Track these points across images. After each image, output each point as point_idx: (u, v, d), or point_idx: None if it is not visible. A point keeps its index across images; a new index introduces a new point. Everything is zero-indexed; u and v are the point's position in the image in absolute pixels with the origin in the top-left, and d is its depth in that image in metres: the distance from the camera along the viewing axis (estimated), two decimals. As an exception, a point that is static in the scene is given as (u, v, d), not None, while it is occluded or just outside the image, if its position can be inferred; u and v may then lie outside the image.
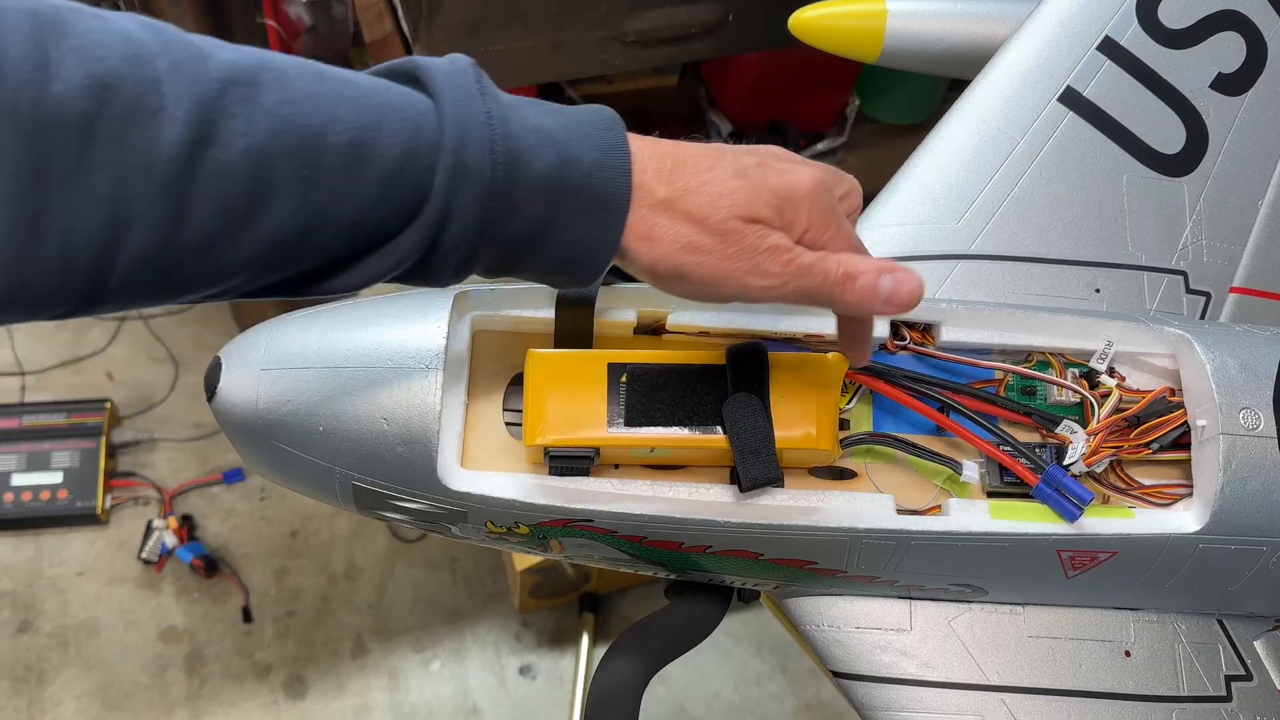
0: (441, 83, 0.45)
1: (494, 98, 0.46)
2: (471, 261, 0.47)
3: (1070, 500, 0.61)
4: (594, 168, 0.46)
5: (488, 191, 0.44)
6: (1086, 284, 0.75)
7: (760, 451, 0.57)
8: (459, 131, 0.44)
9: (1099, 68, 0.80)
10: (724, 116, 1.89)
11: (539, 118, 0.46)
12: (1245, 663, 0.72)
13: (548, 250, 0.47)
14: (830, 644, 0.68)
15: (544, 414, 0.58)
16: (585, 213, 0.46)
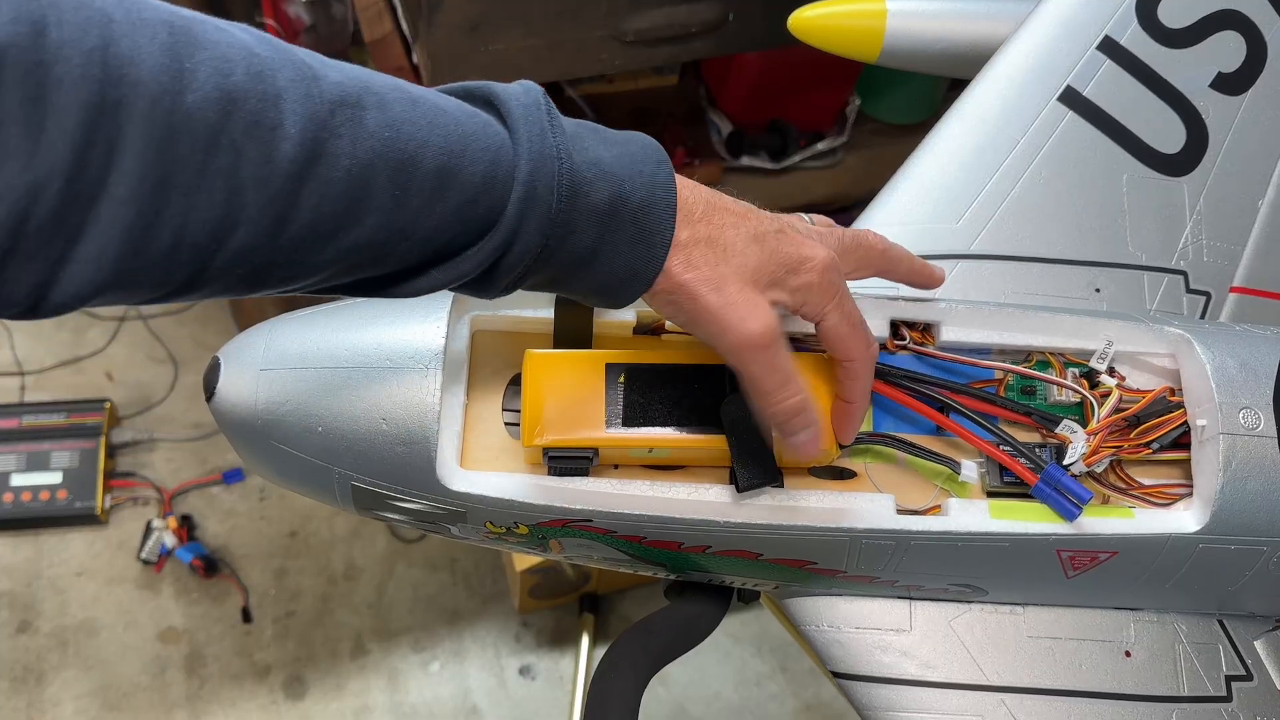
0: (518, 116, 0.49)
1: (560, 129, 0.49)
2: (525, 278, 0.50)
3: (1069, 499, 0.61)
4: (643, 204, 0.50)
5: (550, 221, 0.48)
6: (1086, 284, 0.75)
7: (757, 453, 0.57)
8: (532, 166, 0.47)
9: (1099, 67, 0.79)
10: (724, 116, 1.89)
11: (597, 149, 0.50)
12: (1245, 663, 0.72)
13: (593, 274, 0.51)
14: (830, 644, 0.68)
15: (542, 414, 0.58)
16: (630, 243, 0.50)
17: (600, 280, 0.51)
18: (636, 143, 0.52)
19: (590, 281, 0.51)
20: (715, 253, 0.51)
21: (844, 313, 0.55)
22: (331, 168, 0.43)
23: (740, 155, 1.89)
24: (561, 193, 0.48)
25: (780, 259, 0.53)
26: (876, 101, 1.96)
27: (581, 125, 0.51)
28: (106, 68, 0.37)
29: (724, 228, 0.52)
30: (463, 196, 0.46)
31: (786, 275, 0.53)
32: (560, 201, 0.48)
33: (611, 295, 0.52)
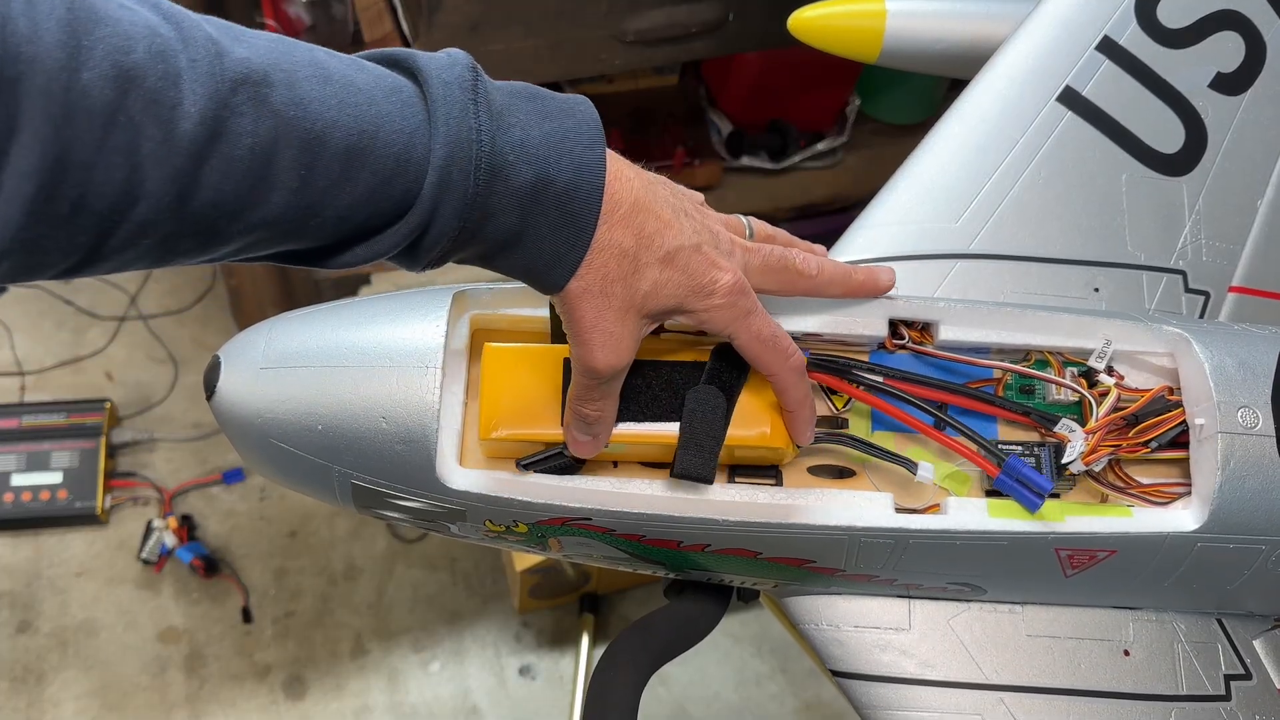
0: (437, 94, 0.48)
1: (485, 107, 0.48)
2: (447, 257, 0.50)
3: (1030, 490, 0.61)
4: (568, 188, 0.49)
5: (467, 204, 0.48)
6: (1085, 283, 0.75)
7: (704, 447, 0.57)
8: (448, 150, 0.47)
9: (1098, 67, 0.80)
10: (724, 116, 1.89)
11: (526, 127, 0.49)
12: (1244, 662, 0.72)
13: (518, 256, 0.51)
14: (829, 643, 0.68)
15: (498, 407, 0.58)
16: (554, 228, 0.50)
17: (526, 262, 0.51)
18: (574, 117, 0.50)
19: (516, 262, 0.51)
20: (621, 266, 0.51)
21: (752, 333, 0.55)
22: (233, 145, 0.43)
23: (740, 155, 1.89)
24: (479, 176, 0.47)
25: (686, 282, 0.53)
26: (876, 101, 1.96)
27: (516, 95, 0.50)
28: (4, 44, 0.38)
29: (642, 235, 0.51)
30: (375, 178, 0.46)
31: (689, 298, 0.53)
32: (478, 185, 0.47)
33: (539, 278, 0.51)
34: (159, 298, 2.12)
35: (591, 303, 0.52)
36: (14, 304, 2.05)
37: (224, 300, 1.93)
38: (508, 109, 0.49)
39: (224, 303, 1.95)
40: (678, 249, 0.52)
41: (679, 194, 0.55)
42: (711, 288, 0.53)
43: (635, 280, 0.52)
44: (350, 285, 1.82)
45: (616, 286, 0.51)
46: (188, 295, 2.12)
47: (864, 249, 0.73)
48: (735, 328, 0.55)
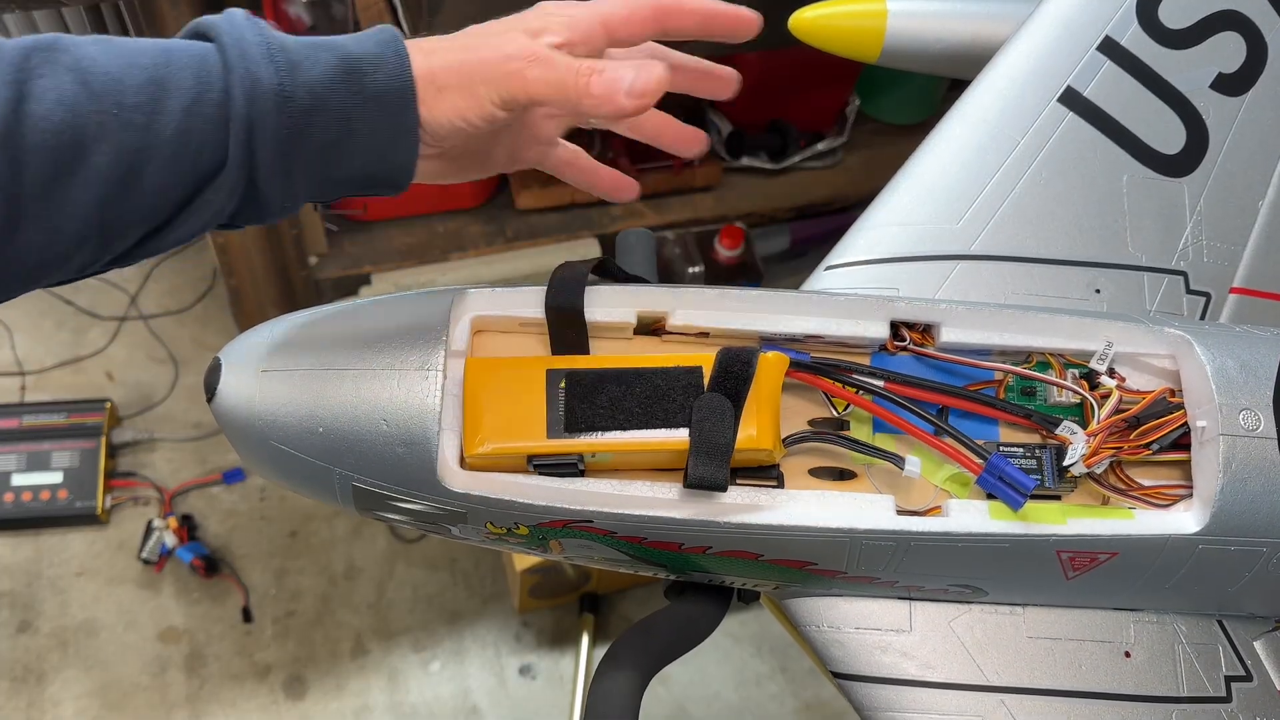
0: (218, 23, 0.51)
1: (264, 26, 0.51)
2: (291, 178, 0.51)
3: (1013, 488, 0.61)
4: (373, 59, 0.51)
5: (280, 97, 0.49)
6: (1086, 284, 0.75)
7: (716, 455, 0.57)
8: (239, 50, 0.49)
9: (1099, 68, 0.79)
10: (724, 116, 1.89)
11: (310, 38, 0.52)
12: (1245, 663, 0.72)
13: (359, 146, 0.51)
14: (830, 644, 0.68)
15: (481, 422, 0.58)
16: (377, 98, 0.51)
17: (370, 145, 0.51)
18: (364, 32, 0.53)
19: (359, 152, 0.51)
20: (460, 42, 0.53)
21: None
22: (39, 102, 0.46)
23: (740, 155, 1.89)
24: (280, 68, 0.49)
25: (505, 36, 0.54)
26: (876, 101, 1.96)
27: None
28: None
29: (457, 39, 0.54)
30: (184, 99, 0.48)
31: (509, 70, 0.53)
32: (282, 76, 0.49)
33: (390, 159, 0.52)
34: (159, 298, 2.12)
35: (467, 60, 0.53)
36: (14, 304, 2.05)
37: (224, 300, 1.93)
38: (290, 33, 0.52)
39: (224, 303, 1.95)
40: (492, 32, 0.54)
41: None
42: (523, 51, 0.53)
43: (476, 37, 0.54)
44: (350, 285, 1.82)
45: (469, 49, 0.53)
46: (188, 295, 2.12)
47: (865, 250, 0.73)
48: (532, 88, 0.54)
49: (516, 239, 1.83)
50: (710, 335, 0.64)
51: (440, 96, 0.52)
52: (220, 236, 1.63)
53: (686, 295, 0.64)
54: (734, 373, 0.58)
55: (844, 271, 0.72)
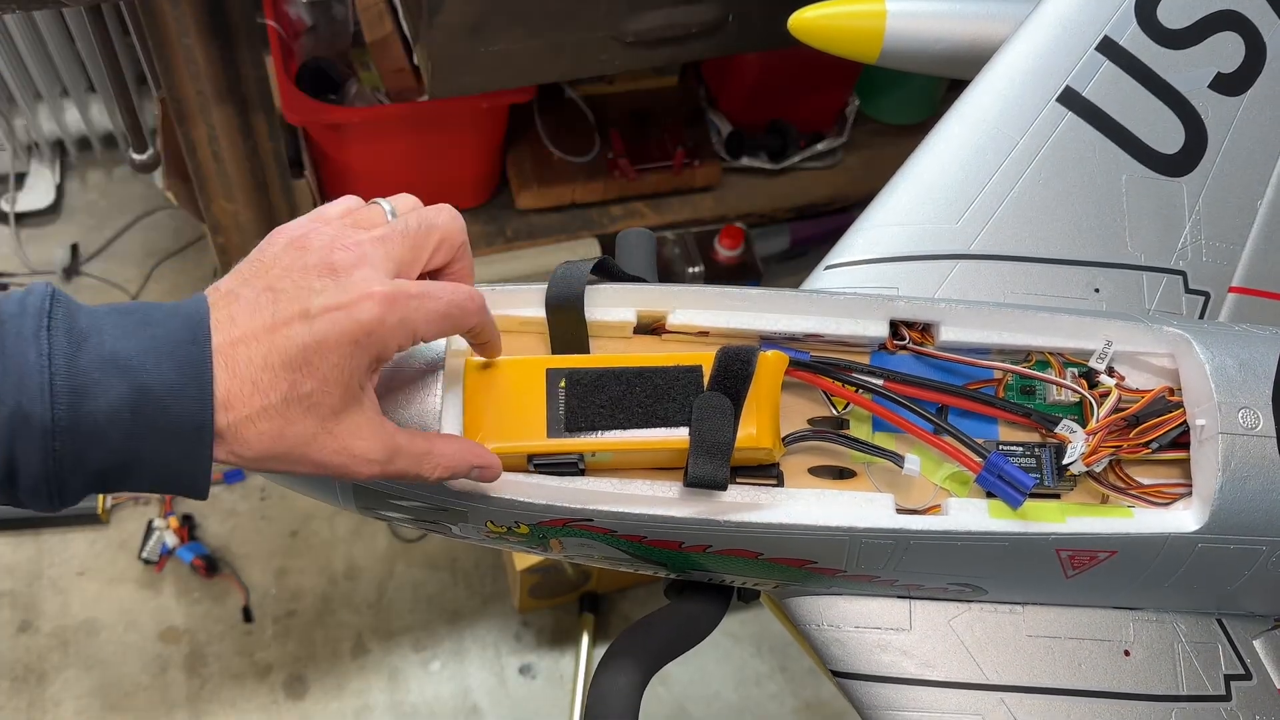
0: (7, 328, 0.45)
1: (64, 330, 0.45)
2: (65, 491, 0.46)
3: (1012, 487, 0.61)
4: (171, 389, 0.45)
5: (49, 434, 0.44)
6: (1086, 284, 0.76)
7: (715, 453, 0.57)
8: (17, 377, 0.44)
9: (1098, 68, 0.80)
10: (724, 116, 1.89)
11: (117, 342, 0.46)
12: (1244, 662, 0.72)
13: (144, 473, 0.47)
14: (830, 643, 0.68)
15: (481, 422, 0.58)
16: (168, 433, 0.46)
17: (158, 476, 0.47)
18: (178, 318, 0.47)
19: (148, 480, 0.47)
20: (287, 412, 0.47)
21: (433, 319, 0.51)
22: None
23: (740, 156, 1.89)
24: (58, 402, 0.44)
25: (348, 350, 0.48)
26: (876, 102, 1.96)
27: (114, 311, 0.47)
28: None
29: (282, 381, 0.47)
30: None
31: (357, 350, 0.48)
32: (59, 411, 0.44)
33: (180, 488, 0.48)
34: (159, 297, 2.12)
35: (298, 449, 0.48)
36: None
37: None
38: (94, 328, 0.46)
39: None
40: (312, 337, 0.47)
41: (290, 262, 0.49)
42: (370, 326, 0.48)
43: (310, 403, 0.48)
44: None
45: (295, 425, 0.48)
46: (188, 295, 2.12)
47: (864, 249, 0.73)
48: (422, 330, 0.50)
49: (516, 239, 1.83)
50: (710, 334, 0.64)
51: (252, 422, 0.47)
52: (220, 236, 1.63)
53: (686, 294, 0.64)
54: (734, 371, 0.58)
55: (843, 271, 0.72)
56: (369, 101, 1.69)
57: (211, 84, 1.37)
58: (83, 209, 2.22)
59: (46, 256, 2.15)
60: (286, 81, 1.60)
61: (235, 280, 0.50)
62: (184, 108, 1.40)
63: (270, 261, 0.50)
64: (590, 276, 0.63)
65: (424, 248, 0.52)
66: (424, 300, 0.50)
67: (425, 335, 0.51)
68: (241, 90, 1.40)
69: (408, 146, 1.70)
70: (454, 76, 1.38)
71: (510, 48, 1.37)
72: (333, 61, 1.72)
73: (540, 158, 1.82)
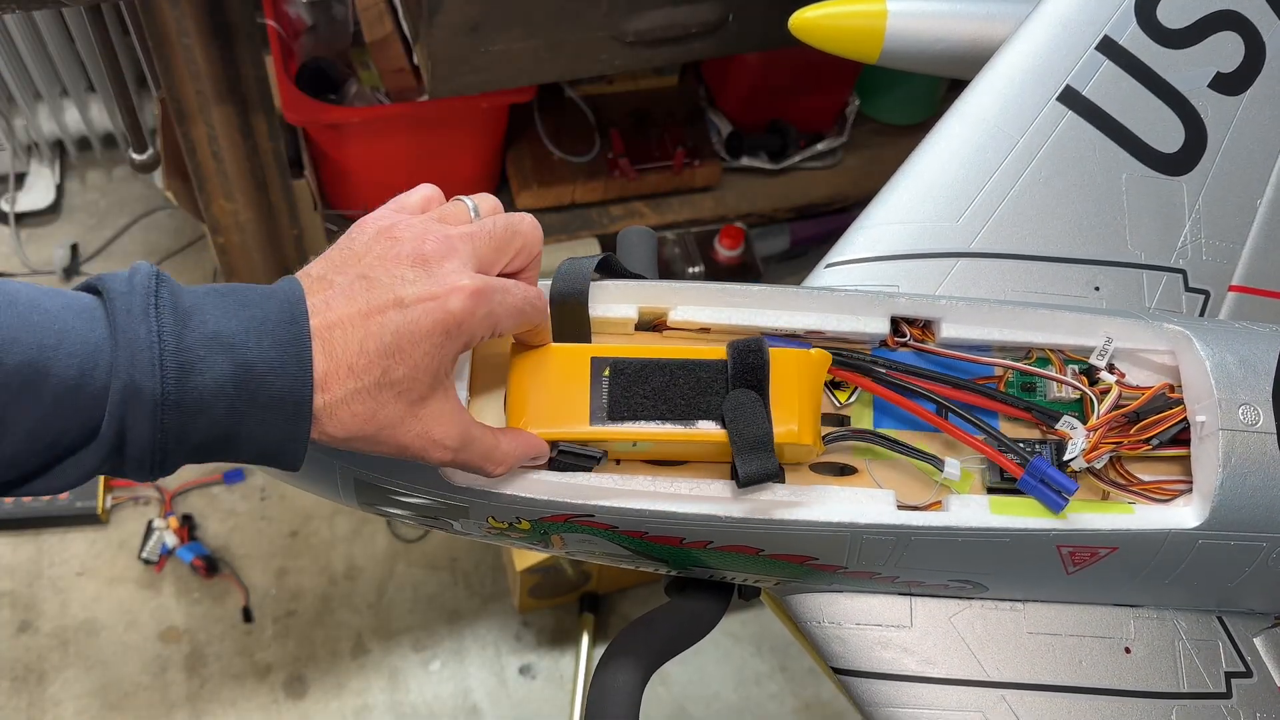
0: (117, 305, 0.47)
1: (170, 308, 0.47)
2: (166, 462, 0.48)
3: (1054, 491, 0.61)
4: (272, 367, 0.47)
5: (159, 407, 0.46)
6: (1086, 282, 0.76)
7: (759, 447, 0.57)
8: (129, 353, 0.46)
9: (1098, 67, 0.80)
10: (724, 116, 1.90)
11: (219, 321, 0.47)
12: (1245, 660, 0.72)
13: (243, 446, 0.49)
14: (830, 640, 0.68)
15: (526, 406, 0.58)
16: (268, 409, 0.48)
17: (255, 450, 0.49)
18: (275, 300, 0.49)
19: (244, 453, 0.49)
20: (380, 395, 0.49)
21: (513, 313, 0.53)
22: None
23: (740, 156, 1.89)
24: (167, 377, 0.46)
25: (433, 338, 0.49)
26: (876, 102, 1.96)
27: (211, 293, 0.49)
28: None
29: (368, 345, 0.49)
30: (59, 388, 0.45)
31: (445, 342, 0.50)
32: (168, 386, 0.46)
33: (275, 462, 0.50)
34: (159, 298, 2.12)
35: (375, 425, 0.50)
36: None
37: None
38: (197, 307, 0.48)
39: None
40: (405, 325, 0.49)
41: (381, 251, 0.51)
42: (460, 317, 0.50)
43: (396, 389, 0.50)
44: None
45: (386, 395, 0.49)
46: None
47: (865, 248, 0.74)
48: (503, 323, 0.53)
49: (516, 239, 1.83)
50: (711, 331, 0.64)
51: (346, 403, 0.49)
52: (220, 236, 1.63)
53: (687, 291, 0.64)
54: (750, 364, 0.58)
55: (844, 269, 0.73)
56: (369, 101, 1.69)
57: (211, 84, 1.37)
58: (83, 209, 2.22)
59: (46, 256, 2.15)
60: (286, 81, 1.60)
61: (326, 266, 0.51)
62: (184, 108, 1.40)
63: (362, 250, 0.51)
64: (594, 274, 0.63)
65: (506, 251, 0.54)
66: (505, 295, 0.52)
67: (504, 329, 0.53)
68: (241, 90, 1.40)
69: (408, 146, 1.70)
70: (454, 76, 1.39)
71: (510, 47, 1.37)
72: (333, 61, 1.72)
73: (540, 158, 1.82)
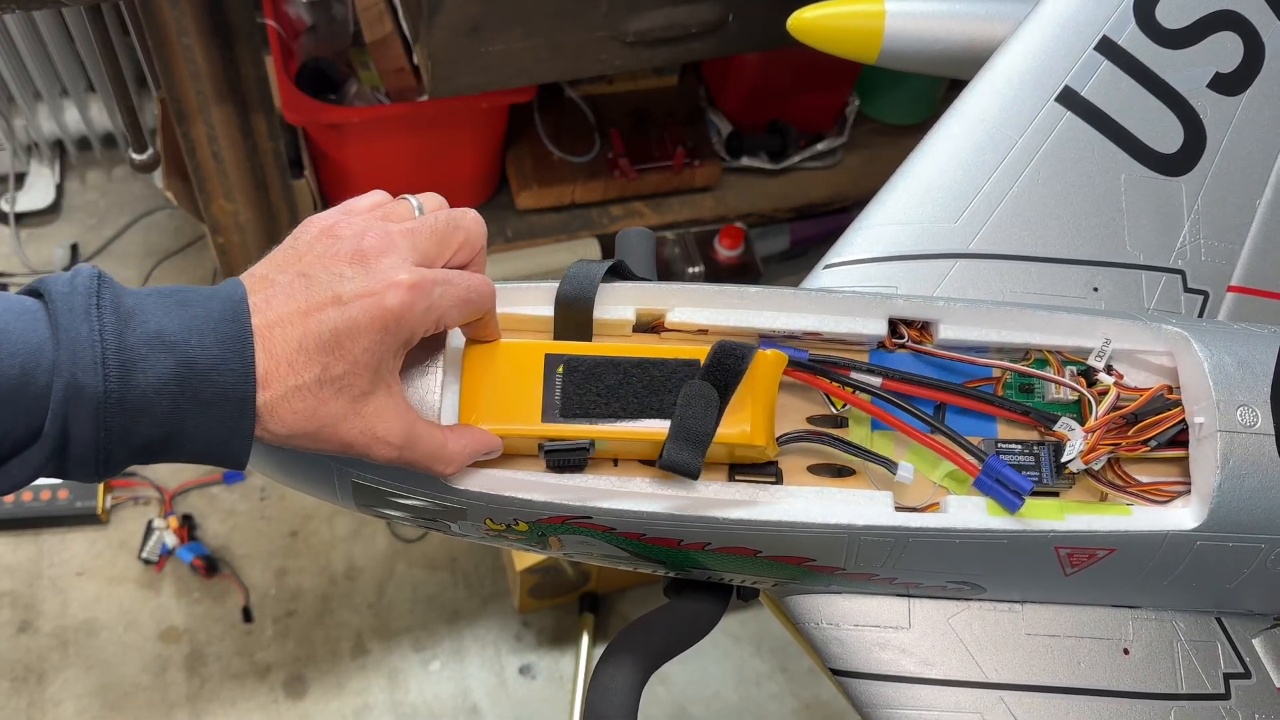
0: (59, 305, 0.47)
1: (111, 308, 0.47)
2: (110, 462, 0.48)
3: (1009, 490, 0.61)
4: (214, 364, 0.48)
5: (101, 405, 0.46)
6: (1085, 283, 0.76)
7: (693, 442, 0.57)
8: (71, 351, 0.46)
9: (1097, 67, 0.80)
10: (724, 116, 1.90)
11: (161, 320, 0.48)
12: (1244, 661, 0.72)
13: (186, 444, 0.49)
14: (829, 641, 0.68)
15: (478, 402, 0.58)
16: (211, 406, 0.48)
17: (200, 449, 0.49)
18: (218, 298, 0.49)
19: (189, 451, 0.49)
20: (320, 392, 0.49)
21: (458, 304, 0.53)
22: None
23: (740, 156, 1.89)
24: (109, 375, 0.46)
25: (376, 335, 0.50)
26: (876, 102, 1.96)
27: (154, 294, 0.49)
28: None
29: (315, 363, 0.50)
30: (2, 389, 0.45)
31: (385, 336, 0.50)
32: (110, 384, 0.46)
33: (221, 460, 0.50)
34: (159, 298, 2.12)
35: (330, 428, 0.50)
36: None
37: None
38: (139, 308, 0.48)
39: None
40: (343, 322, 0.50)
41: (322, 250, 0.52)
42: (398, 312, 0.50)
43: (340, 384, 0.50)
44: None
45: (327, 405, 0.50)
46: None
47: (863, 249, 0.74)
48: (445, 315, 0.53)
49: (516, 239, 1.83)
50: (709, 332, 0.64)
51: (287, 400, 0.49)
52: (220, 236, 1.63)
53: (685, 292, 0.64)
54: (726, 365, 0.58)
55: (843, 270, 0.73)
56: (369, 101, 1.69)
57: (211, 84, 1.37)
58: (82, 209, 2.23)
59: (46, 256, 2.15)
60: (286, 81, 1.60)
61: (269, 266, 0.52)
62: (184, 108, 1.40)
63: (303, 249, 0.52)
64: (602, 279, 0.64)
65: (448, 245, 0.55)
66: (447, 287, 0.53)
67: (448, 321, 0.54)
68: (241, 90, 1.40)
69: (408, 146, 1.70)
70: (454, 76, 1.39)
71: (510, 47, 1.37)
72: (333, 61, 1.72)
73: (540, 158, 1.82)
